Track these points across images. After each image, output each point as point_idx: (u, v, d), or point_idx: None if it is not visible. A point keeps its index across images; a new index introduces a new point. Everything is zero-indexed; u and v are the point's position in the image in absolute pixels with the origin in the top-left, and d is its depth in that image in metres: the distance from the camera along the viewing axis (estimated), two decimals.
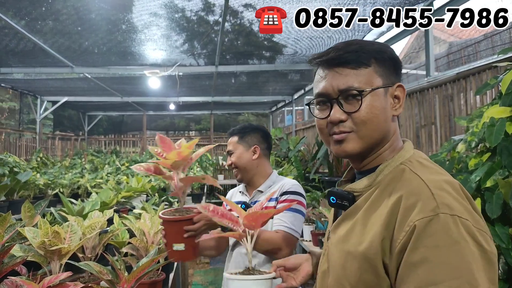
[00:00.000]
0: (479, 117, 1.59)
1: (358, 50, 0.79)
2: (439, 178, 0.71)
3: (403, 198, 0.70)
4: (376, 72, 0.79)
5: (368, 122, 0.78)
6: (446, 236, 0.63)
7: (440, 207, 0.65)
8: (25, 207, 2.06)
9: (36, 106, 8.06)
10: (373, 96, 0.78)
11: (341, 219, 0.83)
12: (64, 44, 4.74)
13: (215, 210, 1.22)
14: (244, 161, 1.81)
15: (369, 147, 0.81)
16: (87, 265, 1.36)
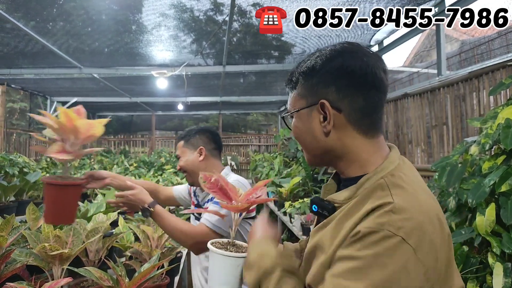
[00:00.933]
0: (494, 118, 1.53)
1: (292, 73, 0.85)
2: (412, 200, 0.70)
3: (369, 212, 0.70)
4: (299, 94, 0.83)
5: (298, 140, 0.87)
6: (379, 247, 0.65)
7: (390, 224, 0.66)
8: (29, 209, 2.04)
9: (46, 107, 8.13)
10: (296, 118, 0.85)
11: (319, 226, 0.83)
12: (72, 45, 4.76)
13: (216, 182, 1.22)
14: (191, 165, 1.81)
15: (316, 161, 0.87)
16: (87, 271, 1.33)
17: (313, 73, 0.80)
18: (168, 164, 7.79)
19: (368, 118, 0.79)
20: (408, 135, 3.90)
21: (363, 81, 0.77)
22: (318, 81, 0.80)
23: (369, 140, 0.80)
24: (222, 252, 1.11)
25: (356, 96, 0.78)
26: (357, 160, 0.81)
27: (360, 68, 0.77)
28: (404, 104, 3.95)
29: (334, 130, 0.80)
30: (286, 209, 3.98)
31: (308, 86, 0.81)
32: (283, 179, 5.03)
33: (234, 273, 1.10)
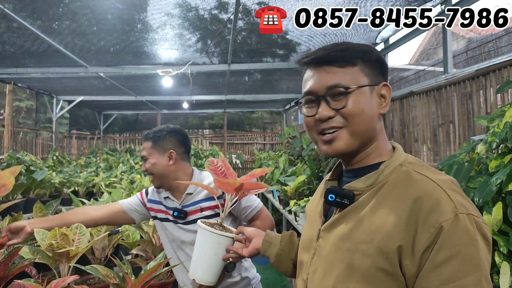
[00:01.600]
0: (501, 117, 1.51)
1: (345, 49, 0.82)
2: (444, 178, 0.76)
3: (422, 200, 0.71)
4: (362, 71, 0.82)
5: (357, 116, 0.80)
6: (466, 235, 0.68)
7: (457, 207, 0.69)
8: (36, 207, 2.06)
9: (52, 105, 8.19)
10: (359, 94, 0.80)
11: (339, 217, 0.82)
12: (78, 44, 4.79)
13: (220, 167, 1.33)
14: (160, 168, 1.70)
15: (360, 144, 0.83)
16: (94, 269, 1.34)
17: (372, 56, 0.84)
18: None
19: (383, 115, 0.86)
20: (414, 133, 3.88)
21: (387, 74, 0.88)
22: (377, 64, 0.84)
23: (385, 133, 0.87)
24: (208, 228, 1.20)
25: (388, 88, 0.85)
26: (378, 148, 0.84)
27: None
28: (410, 102, 3.93)
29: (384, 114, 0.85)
30: (291, 207, 3.98)
31: (371, 66, 0.83)
32: (288, 178, 5.03)
33: (216, 250, 1.19)
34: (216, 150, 8.91)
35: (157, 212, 1.77)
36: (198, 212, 1.67)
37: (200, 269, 1.21)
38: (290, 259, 1.12)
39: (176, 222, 1.70)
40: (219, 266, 1.21)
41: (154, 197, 1.80)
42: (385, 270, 0.71)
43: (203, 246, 1.21)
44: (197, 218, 1.65)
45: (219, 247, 1.19)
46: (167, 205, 1.75)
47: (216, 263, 1.20)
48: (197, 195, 1.70)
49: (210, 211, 1.67)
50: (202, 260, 1.21)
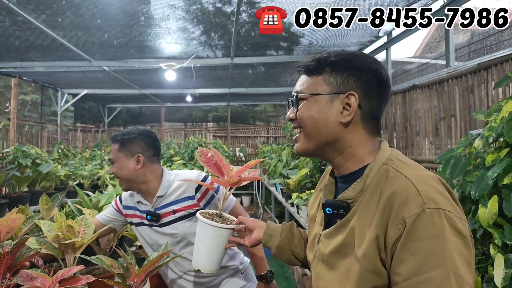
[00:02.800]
0: (498, 111, 1.53)
1: (319, 59, 0.88)
2: (420, 173, 0.78)
3: (394, 196, 0.75)
4: (325, 80, 0.87)
5: (305, 121, 0.88)
6: (431, 229, 0.70)
7: (426, 202, 0.72)
8: (42, 199, 2.11)
9: (57, 99, 8.24)
10: (312, 101, 0.87)
11: (338, 226, 0.86)
12: (82, 38, 4.81)
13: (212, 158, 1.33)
14: (127, 172, 1.67)
15: (315, 148, 0.89)
16: (99, 259, 1.38)
17: (349, 65, 0.87)
18: (177, 155, 7.86)
19: (375, 121, 0.89)
20: (416, 127, 3.89)
21: (385, 91, 0.88)
22: (351, 74, 0.86)
23: (370, 139, 0.89)
24: (209, 222, 1.22)
25: (375, 100, 0.87)
26: (356, 155, 0.87)
27: (386, 79, 0.88)
28: (412, 96, 3.94)
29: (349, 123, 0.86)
30: (294, 200, 4.02)
31: (338, 75, 0.86)
32: (290, 171, 5.06)
33: (218, 242, 1.23)
34: (220, 143, 8.94)
35: (132, 217, 1.77)
36: (171, 214, 1.67)
37: (203, 260, 1.25)
38: (290, 250, 1.17)
39: (151, 226, 1.71)
40: (222, 255, 1.26)
41: (127, 203, 1.80)
42: (370, 270, 0.76)
43: (205, 239, 1.24)
44: (170, 221, 1.67)
45: (221, 239, 1.23)
46: (141, 209, 1.74)
47: (219, 253, 1.24)
48: (168, 197, 1.69)
49: (183, 212, 1.66)
50: (204, 251, 1.24)
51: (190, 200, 1.66)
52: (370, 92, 0.86)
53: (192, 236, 1.65)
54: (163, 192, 1.69)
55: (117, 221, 1.81)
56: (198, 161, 1.39)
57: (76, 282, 1.33)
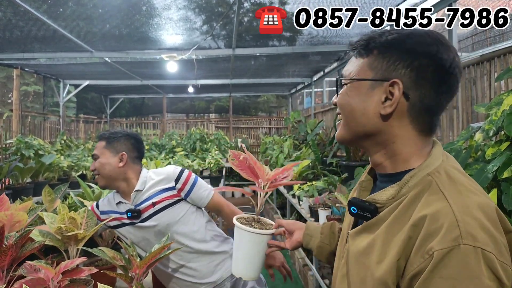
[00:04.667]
0: (499, 104, 1.53)
1: (369, 39, 0.77)
2: (467, 201, 0.65)
3: (426, 220, 0.65)
4: (370, 64, 0.76)
5: (342, 108, 0.80)
6: (464, 269, 0.60)
7: (463, 236, 0.61)
8: (45, 191, 2.12)
9: (59, 90, 8.24)
10: (352, 86, 0.78)
11: (362, 229, 0.78)
12: (83, 29, 4.79)
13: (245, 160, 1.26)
14: (109, 169, 1.74)
15: (353, 138, 0.80)
16: (101, 251, 1.40)
17: (399, 47, 0.74)
18: (179, 146, 7.89)
19: (429, 117, 0.75)
20: None
21: (446, 80, 0.73)
22: (399, 58, 0.73)
23: (420, 138, 0.76)
24: (247, 228, 1.17)
25: (430, 91, 0.73)
26: (400, 154, 0.76)
27: (450, 65, 0.72)
28: None
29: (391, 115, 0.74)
30: (295, 191, 4.04)
31: (385, 60, 0.74)
32: (292, 162, 5.07)
33: (258, 248, 1.18)
34: (222, 134, 8.95)
35: (111, 221, 1.80)
36: (151, 207, 1.73)
37: (243, 267, 1.20)
38: (331, 251, 1.12)
39: (133, 223, 1.75)
40: (262, 261, 1.22)
41: (105, 208, 1.84)
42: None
43: (245, 246, 1.19)
44: (151, 214, 1.72)
45: (261, 244, 1.18)
46: (120, 210, 1.78)
47: (259, 259, 1.20)
48: (147, 192, 1.75)
49: (163, 203, 1.72)
50: (244, 258, 1.20)
51: (170, 191, 1.73)
52: (424, 81, 0.72)
53: (176, 224, 1.71)
54: (141, 187, 1.75)
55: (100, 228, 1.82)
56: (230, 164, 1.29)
57: (79, 273, 1.35)
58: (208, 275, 1.75)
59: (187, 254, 1.74)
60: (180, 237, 1.73)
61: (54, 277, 1.29)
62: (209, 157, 6.98)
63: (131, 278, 1.35)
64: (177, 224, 1.72)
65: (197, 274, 1.74)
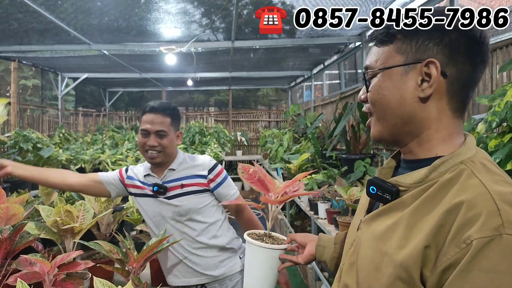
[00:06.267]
0: (502, 96, 1.50)
1: (389, 26, 0.74)
2: (506, 190, 0.62)
3: (463, 206, 0.60)
4: (397, 49, 0.73)
5: (376, 103, 0.75)
6: (506, 261, 0.55)
7: (505, 226, 0.56)
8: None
9: (57, 83, 8.20)
10: (383, 76, 0.74)
11: (379, 212, 0.74)
12: (81, 21, 4.74)
13: (254, 174, 1.26)
14: (171, 146, 1.72)
15: (390, 132, 0.75)
16: (97, 245, 1.38)
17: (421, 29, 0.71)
18: None
19: (465, 93, 0.72)
20: None
21: (479, 51, 0.70)
22: (429, 36, 0.70)
23: (454, 120, 0.73)
24: (260, 244, 1.15)
25: (466, 65, 0.70)
26: (434, 139, 0.72)
27: (480, 35, 0.70)
28: None
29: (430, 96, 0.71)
30: None
31: (413, 41, 0.71)
32: (292, 155, 5.05)
33: (270, 264, 1.15)
34: (221, 127, 8.92)
35: (133, 188, 1.79)
36: (179, 188, 1.72)
37: (256, 283, 1.18)
38: None
39: (156, 197, 1.73)
40: (275, 276, 1.19)
41: (132, 174, 1.82)
42: (404, 280, 0.64)
43: (257, 262, 1.17)
44: (177, 194, 1.71)
45: (274, 260, 1.16)
46: (147, 182, 1.76)
47: (272, 275, 1.18)
48: (179, 172, 1.75)
49: (191, 188, 1.72)
50: (257, 274, 1.18)
51: (201, 179, 1.73)
52: (459, 55, 0.69)
53: (195, 212, 1.71)
54: (176, 167, 1.75)
55: (115, 187, 1.80)
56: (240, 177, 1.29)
57: (75, 267, 1.34)
58: (212, 268, 1.73)
59: (197, 243, 1.72)
60: (195, 225, 1.72)
61: (50, 271, 1.27)
62: (208, 150, 6.96)
63: (128, 272, 1.34)
64: (197, 211, 1.72)
65: (202, 263, 1.73)
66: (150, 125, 1.67)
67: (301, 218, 5.41)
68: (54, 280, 1.29)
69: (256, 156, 9.37)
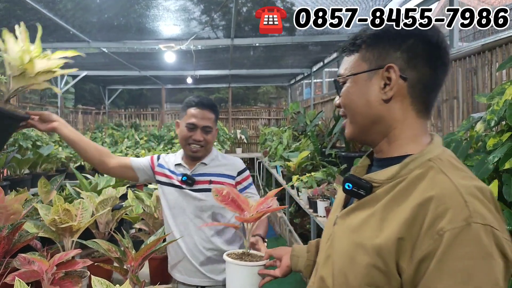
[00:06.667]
0: (501, 94, 1.50)
1: (355, 36, 0.82)
2: (470, 184, 0.68)
3: (433, 201, 0.65)
4: (362, 57, 0.80)
5: (347, 107, 0.83)
6: (477, 247, 0.61)
7: (472, 216, 0.62)
8: (41, 182, 2.11)
9: (56, 80, 8.18)
10: (351, 82, 0.81)
11: (354, 207, 0.80)
12: (79, 19, 4.73)
13: (228, 195, 1.32)
14: (212, 142, 1.79)
15: (361, 132, 0.83)
16: (95, 243, 1.38)
17: (385, 36, 0.78)
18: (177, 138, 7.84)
19: (427, 95, 0.77)
20: None
21: (436, 54, 0.76)
22: (389, 44, 0.77)
23: (419, 120, 0.78)
24: (239, 262, 1.20)
25: (425, 68, 0.76)
26: (402, 138, 0.78)
27: (437, 40, 0.76)
28: None
29: (392, 98, 0.77)
30: (294, 182, 4.02)
31: (375, 49, 0.78)
32: (291, 153, 5.05)
33: (251, 281, 1.19)
34: (221, 125, 8.91)
35: (161, 176, 1.81)
36: (207, 183, 1.73)
37: None
38: None
39: (182, 188, 1.74)
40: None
41: (163, 163, 1.84)
42: (380, 269, 0.69)
43: (239, 280, 1.21)
44: (204, 188, 1.71)
45: (254, 277, 1.20)
46: (176, 171, 1.79)
47: None
48: (210, 168, 1.78)
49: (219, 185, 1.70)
50: None
51: (229, 179, 1.77)
52: (417, 59, 0.75)
53: (218, 210, 1.72)
54: (208, 162, 1.78)
55: (144, 173, 1.83)
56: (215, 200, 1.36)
57: (73, 266, 1.34)
58: (216, 271, 1.72)
59: (210, 244, 1.71)
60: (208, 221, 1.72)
61: (48, 269, 1.27)
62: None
63: (126, 271, 1.34)
64: (219, 210, 1.73)
65: (208, 265, 1.72)
66: (198, 119, 1.72)
67: (301, 216, 5.42)
68: (52, 279, 1.29)
69: (256, 154, 9.37)
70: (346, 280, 0.74)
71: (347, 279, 0.74)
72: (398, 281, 0.68)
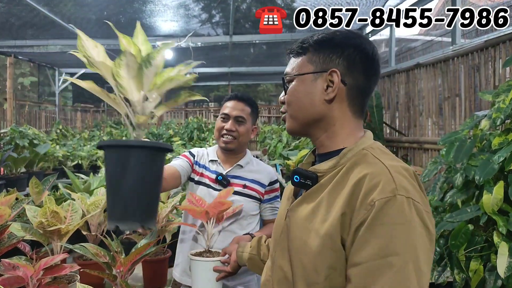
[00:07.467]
0: (507, 91, 1.44)
1: (303, 41, 0.90)
2: (397, 164, 0.79)
3: (367, 177, 0.75)
4: (309, 60, 0.88)
5: (291, 104, 0.90)
6: (399, 215, 0.70)
7: (398, 189, 0.72)
8: (32, 183, 2.05)
9: (54, 78, 8.13)
10: (298, 81, 0.89)
11: (303, 198, 0.87)
12: (74, 14, 4.68)
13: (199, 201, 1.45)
14: (247, 138, 1.70)
15: (301, 127, 0.90)
16: (83, 248, 1.32)
17: (330, 43, 0.87)
18: (176, 136, 7.80)
19: (361, 99, 0.88)
20: (420, 107, 3.79)
21: (371, 65, 0.87)
22: (332, 51, 0.86)
23: (354, 119, 0.89)
24: (196, 258, 1.33)
25: (361, 76, 0.86)
26: (340, 134, 0.88)
27: (372, 53, 0.87)
28: (416, 75, 3.81)
29: (333, 99, 0.86)
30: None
31: (320, 54, 0.87)
32: (291, 152, 4.99)
33: (207, 276, 1.30)
34: None
35: (198, 176, 1.71)
36: (241, 187, 1.66)
37: None
38: (260, 260, 1.19)
39: (214, 188, 1.65)
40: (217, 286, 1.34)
41: (199, 159, 1.75)
42: (331, 247, 0.76)
43: (197, 275, 1.34)
44: (237, 192, 1.63)
45: (210, 272, 1.31)
46: (210, 168, 1.71)
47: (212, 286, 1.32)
48: (245, 172, 1.70)
49: (251, 192, 1.66)
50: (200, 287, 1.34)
51: (260, 187, 1.70)
52: (354, 68, 0.86)
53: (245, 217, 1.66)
54: (244, 164, 1.72)
55: (186, 177, 1.70)
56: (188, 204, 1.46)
57: (60, 270, 1.28)
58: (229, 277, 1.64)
59: None
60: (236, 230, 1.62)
61: (34, 275, 1.22)
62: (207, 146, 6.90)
63: (115, 276, 1.28)
64: (247, 216, 1.66)
65: None
66: (231, 109, 1.68)
67: None
68: (38, 285, 1.23)
69: (255, 152, 9.31)
70: (303, 265, 0.81)
71: (303, 264, 0.81)
72: (344, 255, 0.76)
